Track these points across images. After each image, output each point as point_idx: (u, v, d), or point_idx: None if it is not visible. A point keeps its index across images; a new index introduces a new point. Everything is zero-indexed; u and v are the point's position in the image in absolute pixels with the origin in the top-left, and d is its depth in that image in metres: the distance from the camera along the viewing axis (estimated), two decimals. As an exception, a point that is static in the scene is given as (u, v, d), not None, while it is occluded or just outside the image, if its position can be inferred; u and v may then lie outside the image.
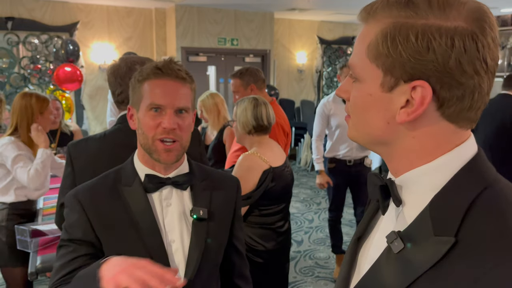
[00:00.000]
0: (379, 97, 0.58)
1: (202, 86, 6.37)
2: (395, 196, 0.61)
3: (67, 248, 1.06)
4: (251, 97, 2.01)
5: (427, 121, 0.56)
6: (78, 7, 5.90)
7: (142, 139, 1.08)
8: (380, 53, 0.56)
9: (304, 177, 6.68)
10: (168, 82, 1.05)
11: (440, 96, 0.54)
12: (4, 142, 2.29)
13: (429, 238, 0.54)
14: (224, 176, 1.28)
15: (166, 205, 1.11)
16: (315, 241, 4.21)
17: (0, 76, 5.66)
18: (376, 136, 0.61)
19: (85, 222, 1.05)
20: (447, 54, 0.52)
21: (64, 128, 3.42)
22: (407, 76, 0.54)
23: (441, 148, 0.57)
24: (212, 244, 1.14)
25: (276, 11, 6.86)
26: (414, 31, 0.53)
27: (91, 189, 1.10)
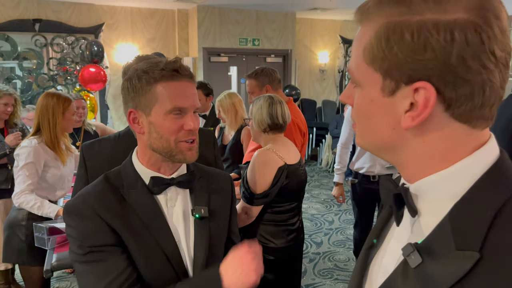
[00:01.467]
0: (381, 103, 0.54)
1: (224, 86, 6.39)
2: (410, 206, 0.56)
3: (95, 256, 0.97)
4: (267, 96, 2.01)
5: (436, 124, 0.52)
6: (103, 9, 6.03)
7: (159, 143, 1.03)
8: (376, 56, 0.52)
9: (325, 178, 6.62)
10: (184, 84, 1.04)
11: (446, 96, 0.49)
12: (25, 144, 2.32)
13: (450, 252, 0.49)
14: (218, 173, 1.28)
15: (171, 205, 1.10)
16: (335, 243, 4.16)
17: (29, 76, 5.84)
18: (383, 143, 0.57)
19: (105, 228, 0.99)
20: (448, 51, 0.47)
21: (87, 127, 3.50)
22: (407, 78, 0.50)
23: (458, 152, 0.52)
24: (214, 242, 1.14)
25: (298, 11, 6.82)
26: (409, 29, 0.49)
27: (98, 195, 1.05)
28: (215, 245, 1.14)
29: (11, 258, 2.41)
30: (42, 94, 2.44)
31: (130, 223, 1.03)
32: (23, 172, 2.26)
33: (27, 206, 2.23)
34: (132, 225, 1.02)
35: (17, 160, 2.31)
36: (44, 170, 2.36)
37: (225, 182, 1.26)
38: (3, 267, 2.93)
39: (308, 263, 3.73)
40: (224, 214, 1.22)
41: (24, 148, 2.30)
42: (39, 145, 2.33)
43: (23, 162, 2.27)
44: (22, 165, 2.27)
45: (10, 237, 2.36)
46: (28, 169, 2.26)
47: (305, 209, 5.14)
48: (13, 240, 2.34)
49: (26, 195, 2.24)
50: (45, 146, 2.35)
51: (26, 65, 5.76)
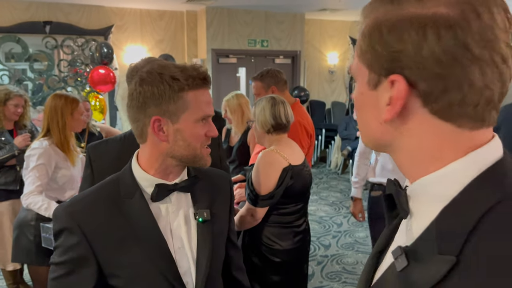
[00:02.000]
0: (368, 95, 0.56)
1: (232, 87, 6.38)
2: (402, 207, 0.57)
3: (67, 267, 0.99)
4: (269, 97, 2.01)
5: (418, 120, 0.52)
6: (113, 11, 6.07)
7: (184, 151, 1.02)
8: (362, 50, 0.55)
9: (334, 180, 6.57)
10: (207, 92, 1.06)
11: (420, 90, 0.50)
12: (36, 146, 2.33)
13: (433, 257, 0.49)
14: (216, 172, 1.27)
15: (172, 211, 1.08)
16: (343, 245, 4.12)
17: (39, 78, 5.90)
18: (375, 138, 0.58)
19: (86, 248, 0.98)
20: (419, 44, 0.48)
21: (92, 128, 3.51)
22: (385, 72, 0.52)
23: (448, 152, 0.51)
24: (217, 244, 1.13)
25: (307, 12, 6.79)
26: (387, 23, 0.51)
27: (88, 206, 1.02)
28: (217, 247, 1.14)
29: (20, 258, 2.43)
30: (50, 95, 2.45)
31: (119, 236, 1.00)
32: (33, 174, 2.27)
33: (35, 207, 2.24)
34: (122, 239, 1.00)
35: (28, 161, 2.32)
36: (54, 172, 2.37)
37: (223, 181, 1.26)
38: (12, 267, 2.95)
39: (316, 265, 3.69)
40: (224, 214, 1.22)
41: (35, 149, 2.32)
42: (50, 146, 2.34)
43: (34, 163, 2.28)
44: (33, 166, 2.28)
45: (19, 237, 2.38)
46: (38, 171, 2.28)
47: (314, 211, 5.10)
48: (22, 240, 2.36)
49: (35, 196, 2.25)
50: (55, 147, 2.36)
51: (37, 66, 5.82)
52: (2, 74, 5.50)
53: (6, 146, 2.95)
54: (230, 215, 1.26)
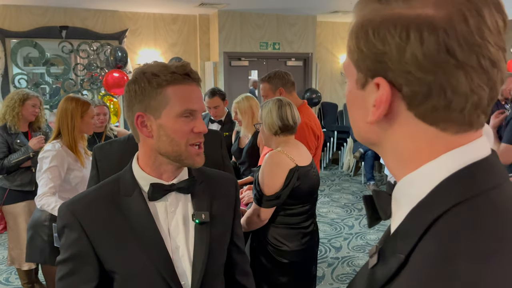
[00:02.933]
0: (356, 94, 0.56)
1: (244, 90, 6.43)
2: (381, 208, 0.58)
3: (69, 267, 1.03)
4: (275, 99, 2.03)
5: (402, 122, 0.51)
6: (127, 15, 6.17)
7: (168, 147, 1.03)
8: (350, 49, 0.55)
9: (346, 182, 6.54)
10: (193, 87, 1.05)
11: (403, 93, 0.49)
12: (49, 148, 2.39)
13: (394, 255, 0.50)
14: (222, 175, 1.27)
15: (171, 211, 1.09)
16: (355, 247, 4.10)
17: (56, 82, 6.03)
18: (364, 136, 0.58)
19: (86, 243, 1.01)
20: (402, 47, 0.47)
21: (109, 132, 3.57)
22: (371, 73, 0.52)
23: (425, 154, 0.51)
24: (216, 246, 1.13)
25: (319, 14, 6.79)
26: (372, 24, 0.50)
27: (89, 204, 1.06)
28: (216, 250, 1.13)
29: (34, 257, 2.49)
30: (63, 98, 2.51)
31: (118, 233, 1.03)
32: (46, 175, 2.33)
33: (48, 208, 2.29)
34: (120, 236, 1.03)
35: (41, 163, 2.37)
36: (67, 173, 2.42)
37: (228, 185, 1.25)
38: (27, 267, 3.03)
39: (326, 267, 3.69)
40: (226, 218, 1.21)
41: (48, 151, 2.37)
42: (62, 148, 2.39)
43: (47, 165, 2.34)
44: (46, 168, 2.33)
45: (33, 237, 2.44)
46: (51, 172, 2.33)
47: (325, 213, 5.10)
48: (36, 240, 2.42)
49: (48, 197, 2.30)
50: (67, 149, 2.42)
51: (53, 70, 5.95)
52: (20, 78, 5.64)
53: (21, 148, 3.03)
54: (235, 219, 1.25)
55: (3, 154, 3.02)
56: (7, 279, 3.51)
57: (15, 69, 5.70)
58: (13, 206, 3.11)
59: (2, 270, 3.64)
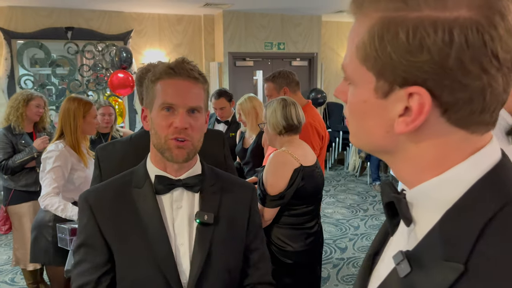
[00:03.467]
0: (374, 104, 0.51)
1: (249, 90, 6.41)
2: (404, 215, 0.54)
3: (81, 254, 1.07)
4: (280, 98, 2.02)
5: (432, 129, 0.48)
6: (132, 16, 6.18)
7: (155, 139, 1.08)
8: (368, 55, 0.48)
9: (351, 182, 6.51)
10: (180, 82, 1.05)
11: (443, 101, 0.46)
12: (52, 148, 2.39)
13: (437, 263, 0.47)
14: (239, 182, 1.25)
15: (177, 207, 1.09)
16: (360, 248, 4.07)
17: (62, 83, 6.06)
18: (376, 145, 0.54)
19: (94, 226, 1.06)
20: (445, 53, 0.43)
21: (115, 133, 3.57)
22: (401, 81, 0.47)
23: (453, 158, 0.49)
24: (218, 250, 1.10)
25: (324, 14, 6.76)
26: (404, 27, 0.45)
27: (102, 192, 1.11)
28: (218, 253, 1.10)
29: (38, 258, 2.49)
30: (65, 99, 2.51)
31: (125, 223, 1.06)
32: (49, 175, 2.33)
33: (52, 209, 2.29)
34: (127, 226, 1.06)
35: (44, 163, 2.37)
36: (70, 173, 2.42)
37: (244, 192, 1.21)
38: (32, 267, 3.03)
39: (331, 268, 3.67)
40: (237, 224, 1.17)
41: (51, 152, 2.37)
42: (65, 148, 2.39)
43: (50, 165, 2.34)
44: (49, 168, 2.33)
45: (37, 238, 2.44)
46: (55, 173, 2.33)
47: (330, 214, 5.07)
48: (40, 240, 2.42)
49: (52, 197, 2.30)
50: (70, 149, 2.42)
51: (59, 71, 5.98)
52: (26, 79, 5.68)
53: (26, 149, 3.04)
54: (249, 227, 1.19)
55: (7, 155, 3.03)
56: (12, 279, 3.53)
57: (21, 70, 5.73)
58: (18, 206, 3.12)
59: (7, 270, 3.66)
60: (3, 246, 4.18)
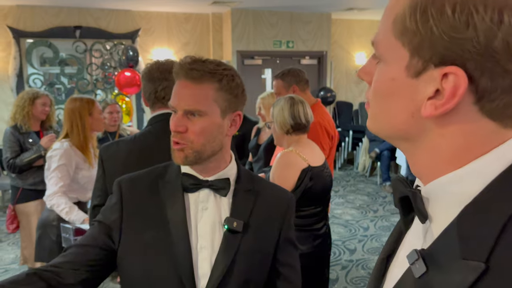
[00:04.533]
0: (403, 83, 0.47)
1: (258, 89, 6.36)
2: (419, 211, 0.50)
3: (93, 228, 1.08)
4: (287, 97, 1.97)
5: (461, 117, 0.45)
6: (140, 15, 6.17)
7: None
8: (407, 28, 0.45)
9: (361, 182, 6.43)
10: (181, 83, 1.01)
11: (480, 86, 0.43)
12: (57, 147, 2.39)
13: (455, 262, 0.43)
14: (277, 190, 1.18)
15: (202, 208, 1.05)
16: (370, 250, 4.00)
17: (71, 81, 6.08)
18: (397, 129, 0.51)
19: (117, 210, 1.06)
20: (492, 33, 0.40)
21: (122, 131, 3.56)
22: (438, 59, 0.44)
23: (477, 151, 0.46)
24: (243, 260, 1.03)
25: (334, 12, 6.69)
26: (452, 2, 0.42)
27: (135, 179, 1.11)
28: (243, 263, 1.03)
29: (42, 257, 2.48)
30: (67, 100, 2.50)
31: (150, 215, 1.05)
32: (55, 174, 2.32)
33: (57, 209, 2.28)
34: (151, 218, 1.05)
35: (50, 162, 2.37)
36: (75, 172, 2.42)
37: (281, 203, 1.14)
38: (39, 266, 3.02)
39: (340, 270, 3.61)
40: (267, 237, 1.10)
41: (56, 150, 2.37)
42: (70, 147, 2.39)
43: (55, 164, 2.33)
44: (55, 167, 2.33)
45: (41, 237, 2.44)
46: (60, 171, 2.32)
47: (339, 214, 5.00)
48: (45, 239, 2.41)
49: (59, 197, 2.29)
50: (75, 148, 2.41)
51: (68, 70, 6.00)
52: (35, 78, 5.69)
53: (33, 147, 3.03)
54: (280, 242, 1.10)
55: (15, 153, 3.03)
56: (19, 278, 3.53)
57: (30, 69, 5.75)
58: (26, 205, 3.12)
59: (14, 269, 3.66)
60: (10, 245, 4.19)
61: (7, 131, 3.06)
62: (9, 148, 3.02)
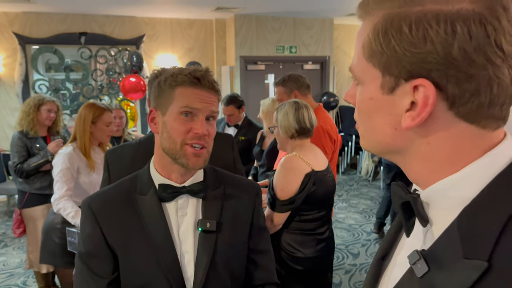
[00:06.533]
0: (380, 101, 0.51)
1: (261, 94, 6.40)
2: (420, 215, 0.53)
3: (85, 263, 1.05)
4: (292, 101, 1.99)
5: (440, 124, 0.48)
6: (144, 21, 6.23)
7: (167, 144, 1.04)
8: (374, 50, 0.50)
9: (364, 187, 6.43)
10: (204, 92, 1.04)
11: (449, 93, 0.46)
12: (61, 151, 2.44)
13: (457, 261, 0.46)
14: (242, 182, 1.22)
15: (182, 214, 1.08)
16: (373, 254, 4.00)
17: (76, 87, 6.13)
18: (386, 144, 0.54)
19: (100, 236, 1.04)
20: (448, 43, 0.44)
21: (127, 136, 3.58)
22: (406, 74, 0.47)
23: (467, 155, 0.49)
24: (222, 257, 1.08)
25: (336, 17, 6.73)
26: (407, 21, 0.46)
27: (105, 198, 1.09)
28: (220, 262, 1.08)
29: (47, 260, 2.52)
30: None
31: (130, 230, 1.04)
32: (60, 178, 2.36)
33: (64, 213, 2.31)
34: (132, 233, 1.04)
35: (55, 167, 2.41)
36: (77, 177, 2.44)
37: (249, 193, 1.19)
38: (45, 270, 3.05)
39: (343, 274, 3.61)
40: (240, 229, 1.15)
41: (60, 154, 2.42)
42: (74, 151, 2.42)
43: (59, 168, 2.37)
44: (58, 171, 2.37)
45: (46, 240, 2.47)
46: (64, 175, 2.36)
47: (343, 219, 5.01)
48: (49, 242, 2.44)
49: (66, 201, 2.32)
50: (79, 152, 2.44)
51: (73, 76, 6.06)
52: (40, 84, 5.75)
53: (40, 152, 3.07)
54: (252, 232, 1.17)
55: (22, 158, 3.06)
56: (24, 282, 3.55)
57: (35, 75, 5.81)
58: (33, 209, 3.15)
59: (19, 273, 3.69)
60: (15, 249, 4.22)
61: (15, 136, 3.10)
62: (16, 153, 3.06)
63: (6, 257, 4.04)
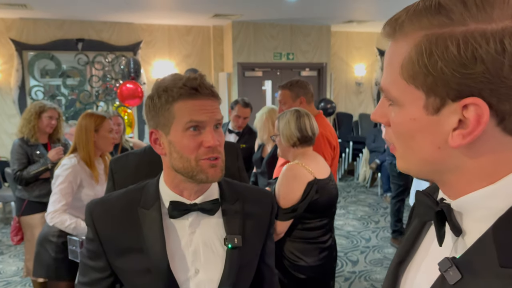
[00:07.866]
0: (424, 121, 0.51)
1: (258, 101, 6.40)
2: (454, 225, 0.53)
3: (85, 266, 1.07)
4: (293, 109, 1.99)
5: (487, 140, 0.48)
6: (142, 27, 6.23)
7: (179, 163, 0.98)
8: (417, 72, 0.49)
9: (362, 193, 6.44)
10: (204, 101, 0.98)
11: (499, 110, 0.46)
12: (65, 163, 2.35)
13: (493, 269, 0.46)
14: (258, 192, 1.20)
15: (191, 232, 1.04)
16: (372, 261, 4.00)
17: (72, 93, 6.11)
18: (427, 163, 0.54)
19: (98, 246, 1.03)
20: (499, 61, 0.44)
21: (125, 144, 3.56)
22: (454, 94, 0.47)
23: (506, 167, 0.49)
24: (245, 271, 1.07)
25: (333, 24, 6.77)
26: (454, 40, 0.45)
27: (107, 209, 1.06)
28: (244, 276, 1.07)
29: (39, 272, 2.45)
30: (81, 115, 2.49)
31: (128, 245, 1.02)
32: (59, 191, 2.28)
33: (62, 226, 2.25)
34: (130, 248, 1.01)
35: (56, 178, 2.34)
36: (78, 190, 2.37)
37: (265, 203, 1.17)
38: (42, 279, 3.01)
39: (343, 282, 3.60)
40: (258, 239, 1.13)
41: (63, 166, 2.33)
42: (78, 163, 2.35)
43: (60, 180, 2.30)
44: (59, 183, 2.29)
45: (39, 252, 2.41)
46: (65, 188, 2.28)
47: (341, 225, 5.00)
48: (43, 255, 2.38)
49: (61, 215, 2.25)
50: (83, 163, 2.37)
51: (69, 82, 6.04)
52: (36, 90, 5.72)
53: (40, 160, 3.04)
54: (267, 239, 1.17)
55: (22, 165, 3.03)
56: (21, 291, 3.51)
57: (32, 81, 5.79)
58: (31, 217, 3.11)
59: (16, 282, 3.64)
60: (12, 257, 4.17)
61: (15, 143, 3.07)
62: (16, 160, 3.03)
63: (2, 265, 3.99)
